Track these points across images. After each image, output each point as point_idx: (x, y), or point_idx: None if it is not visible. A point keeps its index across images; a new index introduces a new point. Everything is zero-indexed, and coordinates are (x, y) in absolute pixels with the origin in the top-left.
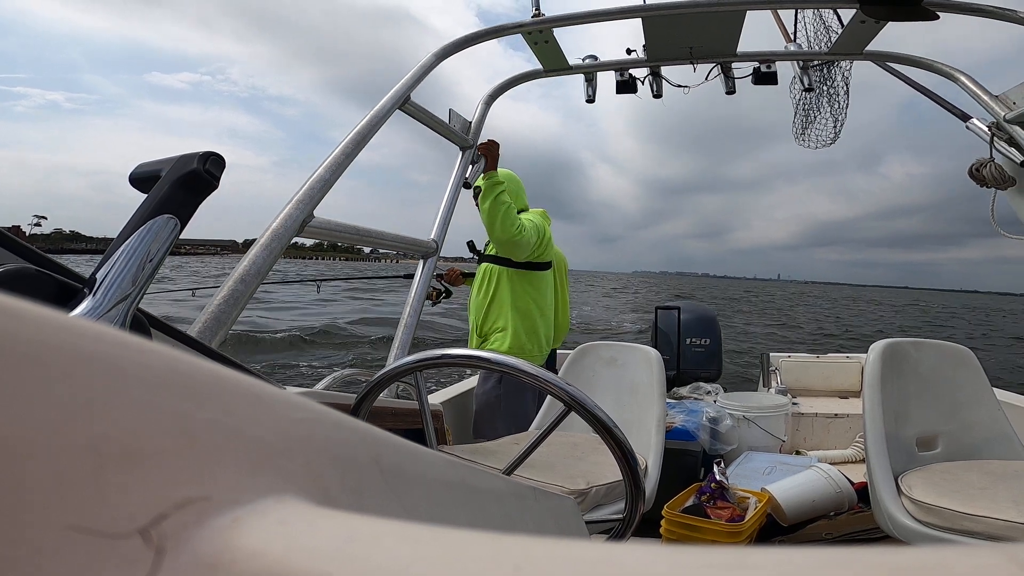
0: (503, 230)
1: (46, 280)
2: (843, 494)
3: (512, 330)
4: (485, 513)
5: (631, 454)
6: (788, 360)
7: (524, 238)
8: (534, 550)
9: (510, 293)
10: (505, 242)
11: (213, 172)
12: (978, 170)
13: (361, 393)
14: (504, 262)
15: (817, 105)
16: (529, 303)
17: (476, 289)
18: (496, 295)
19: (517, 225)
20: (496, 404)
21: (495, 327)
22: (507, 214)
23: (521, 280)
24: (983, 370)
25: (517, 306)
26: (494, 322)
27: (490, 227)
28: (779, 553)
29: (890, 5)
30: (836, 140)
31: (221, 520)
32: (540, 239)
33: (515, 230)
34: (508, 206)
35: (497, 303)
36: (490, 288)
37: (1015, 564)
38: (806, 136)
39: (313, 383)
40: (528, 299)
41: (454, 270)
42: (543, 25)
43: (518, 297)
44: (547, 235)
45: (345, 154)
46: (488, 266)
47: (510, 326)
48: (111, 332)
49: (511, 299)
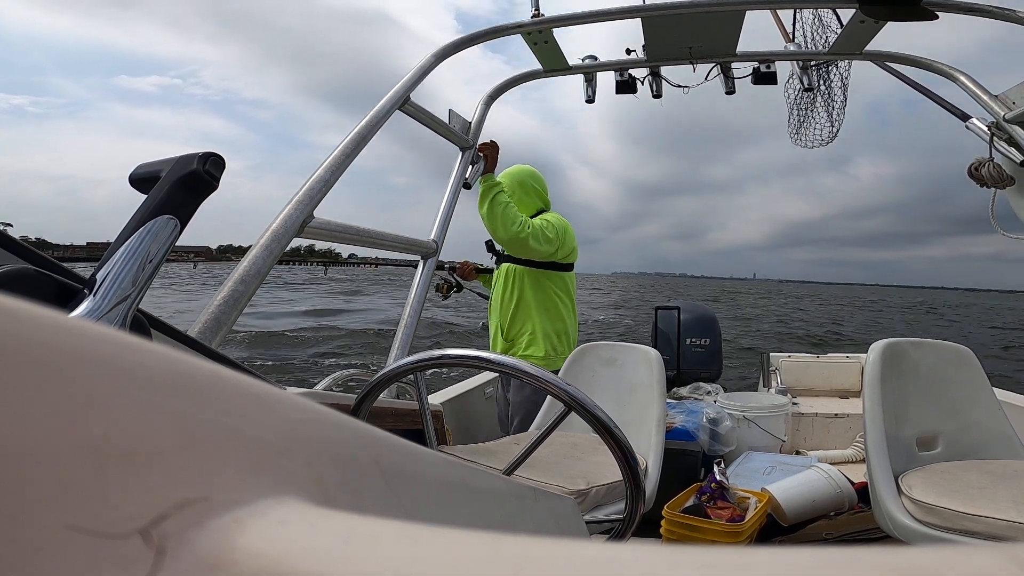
0: (505, 229)
1: (46, 280)
2: (843, 494)
3: (543, 333)
4: (485, 513)
5: (631, 454)
6: (788, 360)
7: (531, 235)
8: (534, 550)
9: (535, 294)
10: (510, 241)
11: (213, 172)
12: (976, 169)
13: (361, 393)
14: (527, 263)
15: (812, 104)
16: (556, 303)
17: (498, 291)
18: (522, 298)
19: (519, 221)
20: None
21: (523, 331)
22: (506, 213)
23: (546, 280)
24: (983, 370)
25: (546, 307)
26: (522, 326)
27: (492, 229)
28: (779, 553)
29: (889, 5)
30: (833, 139)
31: (221, 520)
32: (562, 238)
33: (518, 227)
34: (506, 205)
35: (524, 306)
36: (514, 290)
37: (1015, 564)
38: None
39: (315, 380)
40: (555, 299)
41: (468, 263)
42: (543, 25)
43: (546, 297)
44: (570, 233)
45: (345, 155)
46: (510, 266)
47: (539, 329)
48: (111, 333)
49: (537, 301)
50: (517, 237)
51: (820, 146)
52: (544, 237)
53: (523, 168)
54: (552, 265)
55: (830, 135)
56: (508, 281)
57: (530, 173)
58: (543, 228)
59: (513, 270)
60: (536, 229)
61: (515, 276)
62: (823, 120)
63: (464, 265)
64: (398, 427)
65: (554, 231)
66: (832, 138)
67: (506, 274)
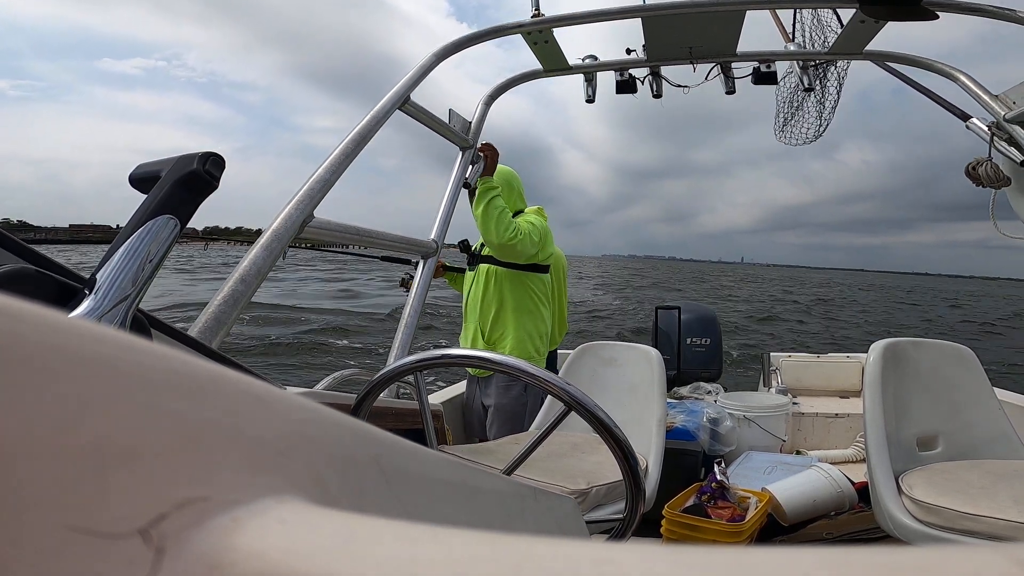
0: (498, 235)
1: (46, 280)
2: (844, 494)
3: (526, 335)
4: (485, 513)
5: (631, 454)
6: (788, 360)
7: (521, 241)
8: (534, 550)
9: (517, 297)
10: (500, 247)
11: (213, 172)
12: (974, 169)
13: (361, 393)
14: (507, 264)
15: (802, 103)
16: (537, 304)
17: (476, 292)
18: (503, 300)
19: (512, 229)
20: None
21: (505, 334)
22: (501, 219)
23: (527, 282)
24: (983, 370)
25: (528, 309)
26: (504, 328)
27: (485, 231)
28: (780, 553)
29: (890, 5)
30: (819, 138)
31: (221, 520)
32: (544, 240)
33: (510, 235)
34: (502, 211)
35: (505, 309)
36: (495, 293)
37: (1015, 564)
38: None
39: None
40: (536, 300)
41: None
42: (543, 25)
43: (527, 299)
44: (550, 236)
45: (345, 154)
46: (489, 268)
47: (522, 331)
48: (111, 333)
49: (518, 303)
50: (509, 243)
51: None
52: (531, 241)
53: (507, 168)
54: (531, 267)
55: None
56: (488, 283)
57: (513, 174)
58: (530, 233)
59: (493, 272)
60: (525, 235)
61: (495, 278)
62: (811, 119)
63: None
64: (398, 427)
65: (539, 235)
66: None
67: (485, 276)
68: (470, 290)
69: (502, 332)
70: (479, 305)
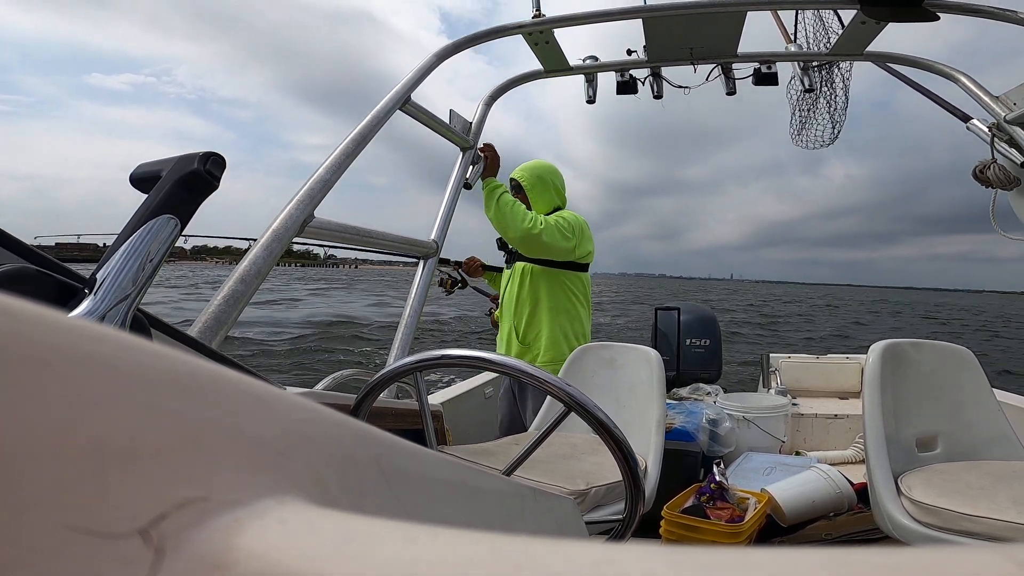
0: (515, 227)
1: (46, 280)
2: (843, 495)
3: (562, 335)
4: (485, 513)
5: (631, 455)
6: (788, 361)
7: (545, 231)
8: (534, 550)
9: (553, 296)
10: (522, 239)
11: (213, 172)
12: (982, 171)
13: (361, 393)
14: (544, 262)
15: (815, 106)
16: (575, 304)
17: (512, 291)
18: (539, 299)
19: (530, 218)
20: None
21: (540, 334)
22: (514, 211)
23: (564, 281)
24: (983, 371)
25: (564, 308)
26: (539, 328)
27: (502, 229)
28: (779, 553)
29: (891, 6)
30: (835, 140)
31: (221, 520)
32: (578, 236)
33: (528, 224)
34: (513, 203)
35: (541, 308)
36: (530, 291)
37: (1015, 564)
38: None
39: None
40: (573, 300)
41: (474, 260)
42: (543, 26)
43: (564, 299)
44: (587, 233)
45: (346, 155)
46: (525, 266)
47: (558, 332)
48: (111, 332)
49: (554, 302)
50: (530, 234)
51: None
52: (559, 234)
53: (543, 163)
54: (569, 265)
55: (831, 136)
56: (523, 281)
57: (549, 168)
58: (557, 225)
59: (529, 270)
60: (550, 226)
61: (531, 277)
62: (825, 121)
63: (470, 261)
64: (398, 427)
65: (570, 228)
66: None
67: (521, 274)
68: (506, 289)
69: (537, 332)
70: (514, 304)
